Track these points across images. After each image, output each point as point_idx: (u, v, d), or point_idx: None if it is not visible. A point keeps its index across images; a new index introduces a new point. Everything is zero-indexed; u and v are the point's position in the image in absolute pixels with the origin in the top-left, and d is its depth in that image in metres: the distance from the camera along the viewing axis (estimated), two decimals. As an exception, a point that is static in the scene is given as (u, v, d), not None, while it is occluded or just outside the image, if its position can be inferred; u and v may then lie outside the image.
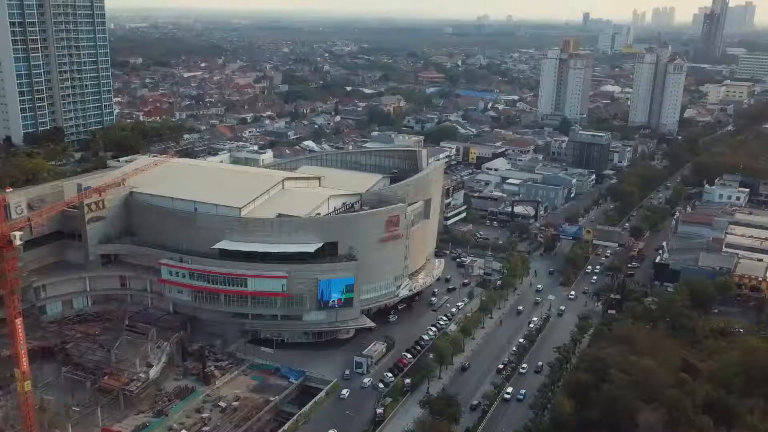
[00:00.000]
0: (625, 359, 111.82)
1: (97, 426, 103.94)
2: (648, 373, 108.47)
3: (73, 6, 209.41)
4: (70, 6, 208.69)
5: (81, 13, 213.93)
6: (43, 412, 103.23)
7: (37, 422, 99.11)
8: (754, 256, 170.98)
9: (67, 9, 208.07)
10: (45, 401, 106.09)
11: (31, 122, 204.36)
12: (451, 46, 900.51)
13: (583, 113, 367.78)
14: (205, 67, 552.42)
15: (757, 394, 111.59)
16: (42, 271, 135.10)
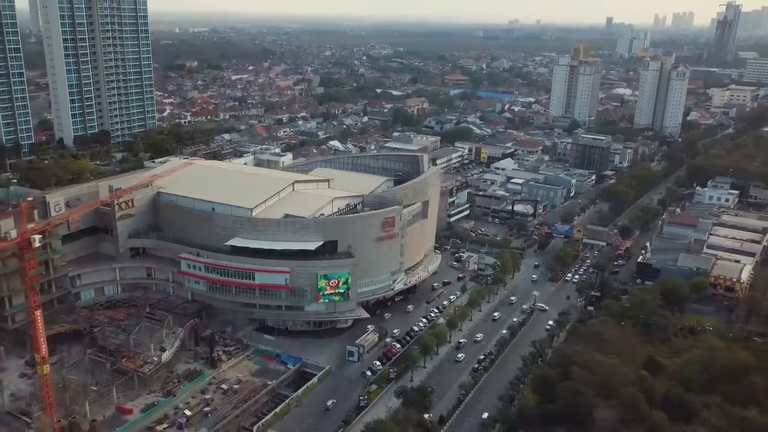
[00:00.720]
0: (589, 356, 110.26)
1: (113, 404, 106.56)
2: (608, 370, 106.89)
3: (119, 24, 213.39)
4: (117, 24, 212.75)
5: (127, 30, 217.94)
6: (65, 390, 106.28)
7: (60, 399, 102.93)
8: (733, 257, 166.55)
9: (114, 26, 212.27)
10: (68, 380, 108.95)
11: (81, 126, 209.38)
12: (479, 50, 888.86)
13: (592, 115, 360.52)
14: (251, 69, 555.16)
15: (716, 392, 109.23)
16: (78, 262, 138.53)
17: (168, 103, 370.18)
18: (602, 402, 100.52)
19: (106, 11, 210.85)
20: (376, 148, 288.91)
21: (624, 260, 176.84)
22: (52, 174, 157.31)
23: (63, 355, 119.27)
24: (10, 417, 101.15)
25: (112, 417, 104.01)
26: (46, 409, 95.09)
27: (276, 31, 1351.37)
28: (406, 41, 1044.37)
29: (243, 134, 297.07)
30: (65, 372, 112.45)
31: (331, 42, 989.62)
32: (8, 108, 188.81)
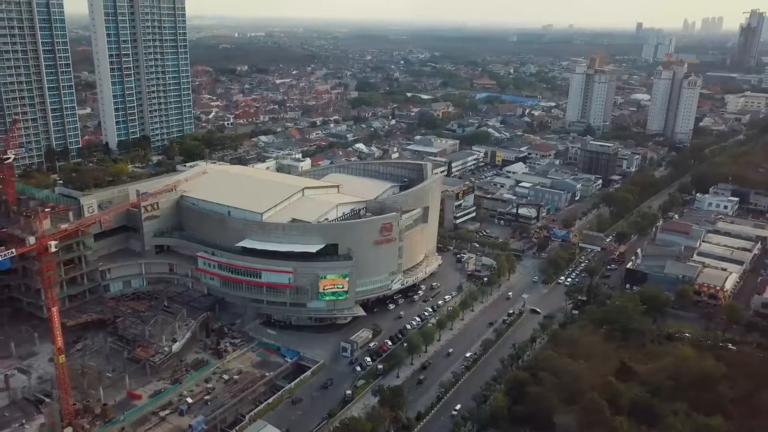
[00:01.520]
0: (557, 361, 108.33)
1: (125, 389, 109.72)
2: (574, 375, 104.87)
3: (160, 40, 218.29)
4: (158, 40, 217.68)
5: (167, 45, 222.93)
6: (83, 376, 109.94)
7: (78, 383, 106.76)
8: (721, 265, 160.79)
9: (156, 42, 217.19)
10: (86, 366, 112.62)
11: (124, 131, 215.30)
12: (511, 54, 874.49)
13: (606, 121, 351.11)
14: (295, 74, 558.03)
15: (683, 398, 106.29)
16: (109, 257, 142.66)
17: (215, 106, 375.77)
18: (565, 407, 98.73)
19: (148, 29, 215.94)
20: (399, 150, 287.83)
21: (617, 265, 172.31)
22: (92, 176, 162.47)
23: (87, 343, 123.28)
24: (25, 402, 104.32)
25: (123, 401, 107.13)
26: (62, 394, 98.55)
27: (325, 36, 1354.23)
28: (443, 45, 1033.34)
29: (278, 136, 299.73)
30: (87, 358, 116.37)
31: (373, 46, 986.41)
32: (59, 116, 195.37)
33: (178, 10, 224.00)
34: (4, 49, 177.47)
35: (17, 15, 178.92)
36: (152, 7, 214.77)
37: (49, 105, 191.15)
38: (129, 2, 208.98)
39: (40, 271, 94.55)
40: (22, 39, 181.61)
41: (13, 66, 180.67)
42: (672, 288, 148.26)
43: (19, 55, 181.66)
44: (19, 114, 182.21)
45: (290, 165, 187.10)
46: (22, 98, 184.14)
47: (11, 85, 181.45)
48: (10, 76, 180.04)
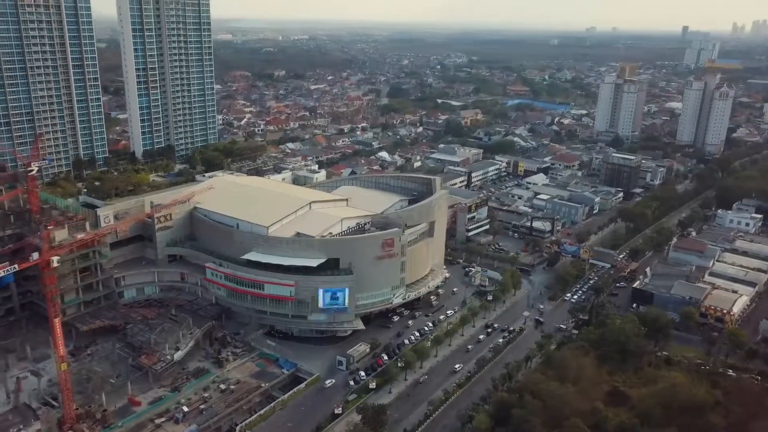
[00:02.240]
0: (544, 384, 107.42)
1: (127, 395, 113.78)
2: (560, 399, 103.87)
3: (186, 53, 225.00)
4: (184, 53, 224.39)
5: (193, 58, 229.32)
6: (88, 381, 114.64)
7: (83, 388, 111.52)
8: (733, 287, 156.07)
9: (181, 55, 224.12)
10: (92, 372, 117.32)
11: (149, 141, 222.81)
12: (549, 59, 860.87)
13: (635, 130, 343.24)
14: (330, 79, 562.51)
15: (673, 426, 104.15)
16: (124, 265, 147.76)
17: (248, 111, 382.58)
18: (548, 431, 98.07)
19: (174, 44, 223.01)
20: (421, 159, 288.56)
21: (627, 283, 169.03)
22: (114, 186, 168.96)
23: (97, 348, 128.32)
24: (25, 407, 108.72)
25: (123, 407, 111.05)
26: (64, 399, 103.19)
27: (366, 39, 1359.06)
28: (482, 49, 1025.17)
29: (305, 143, 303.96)
30: (94, 364, 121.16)
31: (411, 50, 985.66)
32: (86, 127, 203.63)
33: (204, 25, 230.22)
34: (36, 64, 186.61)
35: (48, 33, 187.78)
36: (178, 22, 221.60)
37: (77, 117, 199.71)
38: (156, 18, 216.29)
39: (43, 283, 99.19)
40: (53, 55, 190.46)
41: (44, 80, 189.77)
42: (678, 309, 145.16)
43: (50, 70, 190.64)
44: (49, 125, 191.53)
45: (306, 176, 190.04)
46: (52, 110, 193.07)
47: (42, 99, 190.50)
48: (41, 90, 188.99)
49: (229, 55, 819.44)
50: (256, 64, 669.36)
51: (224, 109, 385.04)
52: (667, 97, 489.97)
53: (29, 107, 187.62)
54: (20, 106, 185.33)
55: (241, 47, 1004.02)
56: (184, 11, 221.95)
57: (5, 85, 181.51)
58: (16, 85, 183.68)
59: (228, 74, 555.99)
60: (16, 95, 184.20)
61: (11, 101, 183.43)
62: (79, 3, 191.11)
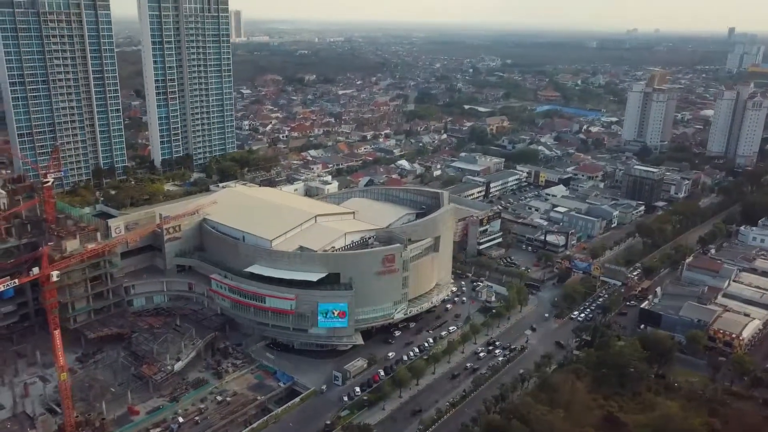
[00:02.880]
0: (534, 408, 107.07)
1: (127, 404, 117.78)
2: (548, 424, 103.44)
3: (205, 65, 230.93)
4: (203, 65, 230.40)
5: (211, 69, 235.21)
6: (90, 389, 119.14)
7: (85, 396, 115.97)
8: (746, 309, 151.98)
9: (200, 67, 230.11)
10: (94, 380, 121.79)
11: (167, 150, 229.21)
12: (586, 62, 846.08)
13: (664, 140, 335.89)
14: (359, 84, 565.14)
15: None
16: (135, 274, 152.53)
17: (274, 117, 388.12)
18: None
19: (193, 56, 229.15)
20: (442, 168, 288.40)
21: (637, 302, 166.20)
22: (130, 195, 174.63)
23: (104, 356, 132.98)
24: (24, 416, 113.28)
25: (122, 416, 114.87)
26: (64, 407, 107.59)
27: (402, 41, 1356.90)
28: (517, 52, 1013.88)
29: (327, 150, 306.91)
30: (97, 372, 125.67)
31: (446, 53, 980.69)
32: (106, 137, 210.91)
33: (223, 36, 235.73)
34: (58, 77, 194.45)
35: (70, 47, 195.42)
36: (197, 34, 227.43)
37: (98, 127, 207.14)
38: (175, 30, 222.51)
39: (44, 296, 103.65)
40: (74, 68, 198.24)
41: (65, 93, 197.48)
42: (686, 332, 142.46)
43: (71, 83, 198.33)
44: (70, 135, 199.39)
45: (318, 187, 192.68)
46: (73, 122, 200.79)
47: (63, 110, 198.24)
48: (62, 102, 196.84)
49: (263, 57, 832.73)
50: (288, 67, 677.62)
51: (251, 114, 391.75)
52: (703, 104, 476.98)
53: (51, 118, 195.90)
54: (42, 117, 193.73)
55: (276, 49, 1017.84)
56: (203, 23, 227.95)
57: (28, 97, 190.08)
58: (38, 97, 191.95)
59: (259, 78, 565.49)
60: (39, 107, 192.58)
61: (34, 113, 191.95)
62: (100, 18, 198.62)
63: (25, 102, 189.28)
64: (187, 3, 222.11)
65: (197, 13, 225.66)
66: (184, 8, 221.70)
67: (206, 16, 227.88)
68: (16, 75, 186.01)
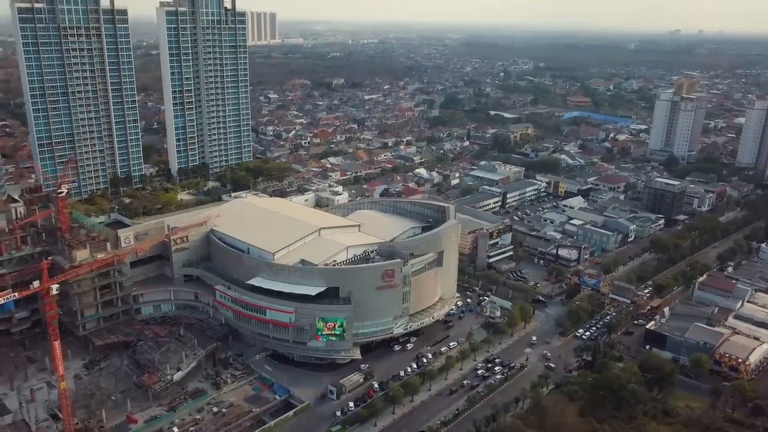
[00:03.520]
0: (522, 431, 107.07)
1: (126, 412, 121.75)
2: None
3: (222, 76, 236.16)
4: (219, 76, 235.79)
5: (228, 80, 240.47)
6: (92, 397, 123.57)
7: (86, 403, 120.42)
8: (757, 332, 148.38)
9: (217, 78, 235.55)
10: (97, 387, 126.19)
11: (184, 159, 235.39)
12: (621, 66, 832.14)
13: (692, 150, 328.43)
14: (387, 88, 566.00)
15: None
16: (143, 283, 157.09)
17: (298, 123, 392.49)
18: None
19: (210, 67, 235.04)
20: (460, 177, 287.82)
21: (645, 321, 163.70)
22: (143, 205, 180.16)
23: (109, 363, 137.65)
24: (23, 423, 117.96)
25: (121, 424, 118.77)
26: (64, 415, 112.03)
27: (436, 43, 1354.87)
28: (553, 54, 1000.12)
29: (347, 158, 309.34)
30: (101, 379, 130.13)
31: (479, 55, 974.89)
32: (124, 147, 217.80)
33: (240, 48, 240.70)
34: (78, 89, 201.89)
35: (89, 60, 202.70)
36: (214, 46, 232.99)
37: (115, 138, 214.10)
38: (192, 43, 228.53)
39: (44, 309, 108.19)
40: (93, 81, 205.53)
41: (84, 105, 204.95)
42: (691, 354, 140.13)
43: (90, 95, 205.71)
44: (89, 146, 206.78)
45: (328, 198, 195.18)
46: (92, 132, 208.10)
47: (82, 121, 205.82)
48: (81, 114, 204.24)
49: (295, 60, 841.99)
50: (319, 71, 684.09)
51: (276, 120, 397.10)
52: (740, 111, 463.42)
53: (70, 129, 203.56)
54: (62, 128, 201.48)
55: (309, 52, 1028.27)
56: (220, 35, 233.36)
57: (48, 109, 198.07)
58: (58, 109, 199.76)
59: (288, 82, 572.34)
60: (58, 118, 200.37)
61: (53, 124, 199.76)
62: (118, 31, 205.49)
63: (46, 113, 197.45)
64: (204, 15, 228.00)
65: (214, 25, 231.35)
66: (201, 20, 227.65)
67: (223, 27, 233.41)
68: (37, 87, 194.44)
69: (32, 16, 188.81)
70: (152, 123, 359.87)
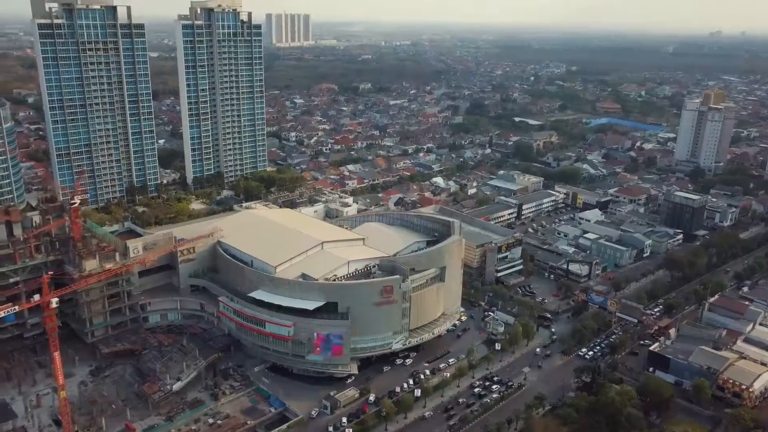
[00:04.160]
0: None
1: (125, 421, 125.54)
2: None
3: (237, 87, 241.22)
4: (235, 87, 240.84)
5: (244, 91, 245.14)
6: (93, 404, 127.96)
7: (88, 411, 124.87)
8: (765, 358, 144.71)
9: (233, 89, 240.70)
10: (99, 395, 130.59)
11: (199, 168, 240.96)
12: (655, 69, 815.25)
13: (720, 161, 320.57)
14: (413, 93, 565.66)
15: None
16: (152, 292, 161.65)
17: (321, 129, 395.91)
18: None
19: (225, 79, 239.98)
20: (478, 186, 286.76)
21: (652, 341, 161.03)
22: (152, 214, 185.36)
23: (114, 370, 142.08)
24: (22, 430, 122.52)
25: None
26: (64, 423, 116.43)
27: (469, 44, 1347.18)
28: (587, 58, 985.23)
29: (365, 165, 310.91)
30: (104, 387, 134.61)
31: (511, 58, 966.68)
32: (140, 157, 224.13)
33: (256, 59, 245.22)
34: (96, 101, 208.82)
35: (107, 73, 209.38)
36: (230, 58, 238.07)
37: (132, 148, 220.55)
38: (209, 55, 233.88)
39: (44, 321, 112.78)
40: (110, 93, 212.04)
41: (101, 116, 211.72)
42: (694, 379, 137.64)
43: (107, 106, 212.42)
44: (105, 156, 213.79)
45: (337, 209, 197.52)
46: (108, 143, 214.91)
47: (100, 132, 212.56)
48: (99, 125, 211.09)
49: (325, 63, 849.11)
50: (348, 74, 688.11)
51: (299, 125, 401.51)
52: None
53: (88, 140, 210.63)
54: (79, 139, 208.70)
55: (341, 54, 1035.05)
56: (236, 47, 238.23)
57: (66, 121, 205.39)
58: (76, 120, 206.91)
59: (315, 87, 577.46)
60: (76, 130, 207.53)
61: (71, 135, 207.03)
62: (135, 45, 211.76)
63: (64, 125, 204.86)
64: (220, 28, 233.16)
65: (230, 38, 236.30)
66: (217, 33, 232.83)
67: (239, 40, 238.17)
68: (56, 100, 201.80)
69: (52, 32, 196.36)
70: (179, 127, 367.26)
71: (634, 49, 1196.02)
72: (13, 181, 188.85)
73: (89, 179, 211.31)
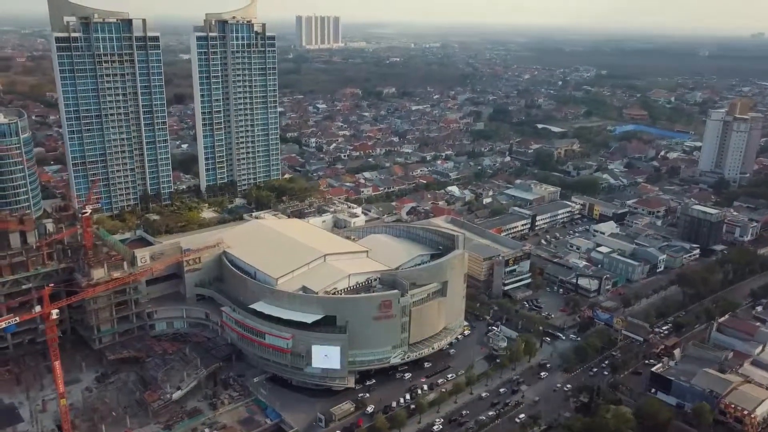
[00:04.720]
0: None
1: (125, 428, 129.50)
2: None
3: (251, 97, 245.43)
4: (249, 97, 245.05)
5: (257, 101, 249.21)
6: (94, 411, 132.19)
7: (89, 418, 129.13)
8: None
9: (246, 100, 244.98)
10: (100, 403, 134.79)
11: (212, 177, 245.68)
12: (689, 74, 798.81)
13: (745, 172, 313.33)
14: (436, 98, 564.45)
15: None
16: (159, 300, 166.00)
17: (341, 135, 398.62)
18: None
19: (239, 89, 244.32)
20: (493, 195, 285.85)
21: (657, 361, 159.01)
22: (162, 223, 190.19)
23: (119, 377, 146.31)
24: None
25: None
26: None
27: (499, 47, 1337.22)
28: (618, 61, 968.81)
29: (381, 173, 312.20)
30: (107, 394, 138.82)
31: (541, 62, 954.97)
32: (154, 166, 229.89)
33: (270, 70, 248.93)
34: (111, 112, 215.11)
35: (122, 85, 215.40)
36: (244, 70, 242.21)
37: (146, 157, 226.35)
38: (223, 66, 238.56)
39: (46, 331, 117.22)
40: (125, 104, 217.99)
41: (116, 127, 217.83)
42: (696, 402, 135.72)
43: (122, 116, 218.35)
44: (120, 165, 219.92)
45: (345, 220, 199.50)
46: (123, 152, 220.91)
47: (114, 142, 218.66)
48: (114, 135, 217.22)
49: (352, 66, 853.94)
50: (373, 78, 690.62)
51: (320, 131, 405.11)
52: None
53: (103, 149, 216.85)
54: (95, 149, 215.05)
55: (369, 56, 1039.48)
56: (250, 58, 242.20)
57: (82, 131, 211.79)
58: (91, 130, 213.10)
59: (339, 91, 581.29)
60: (92, 139, 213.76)
61: (87, 145, 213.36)
62: (150, 57, 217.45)
63: (80, 135, 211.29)
64: (235, 40, 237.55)
65: (244, 49, 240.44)
66: (232, 44, 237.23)
67: (253, 51, 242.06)
68: (72, 111, 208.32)
69: (69, 45, 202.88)
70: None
71: (668, 52, 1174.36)
72: (30, 189, 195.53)
73: (104, 187, 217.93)
